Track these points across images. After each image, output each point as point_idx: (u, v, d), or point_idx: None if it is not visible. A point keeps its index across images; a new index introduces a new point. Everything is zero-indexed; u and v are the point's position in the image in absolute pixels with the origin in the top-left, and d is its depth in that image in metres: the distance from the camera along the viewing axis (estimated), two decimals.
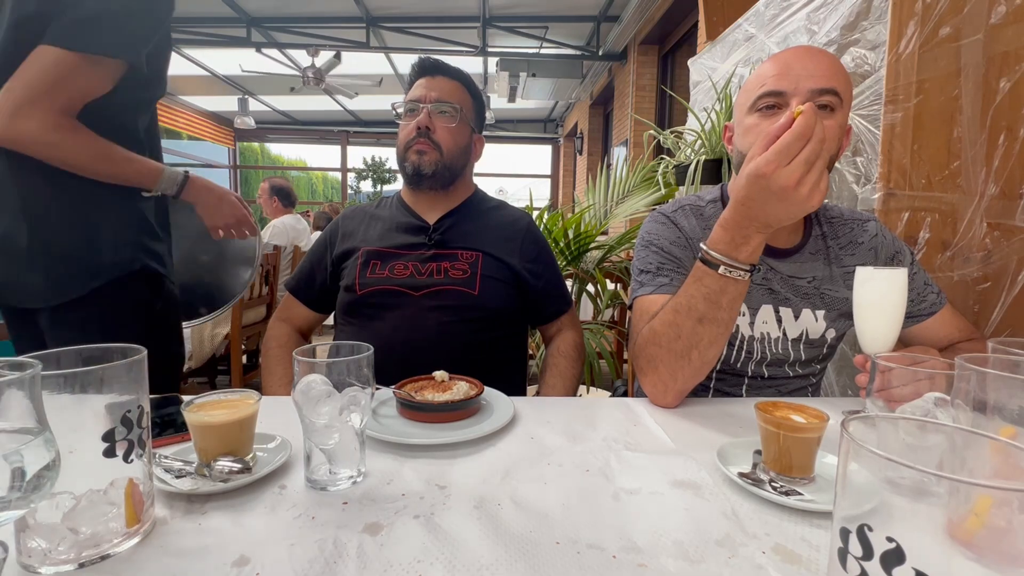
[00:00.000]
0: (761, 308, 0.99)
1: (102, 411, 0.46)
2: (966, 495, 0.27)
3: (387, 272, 1.10)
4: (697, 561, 0.47)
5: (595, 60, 6.33)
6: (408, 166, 1.14)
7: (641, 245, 1.03)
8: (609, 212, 2.81)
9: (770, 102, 0.88)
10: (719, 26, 2.62)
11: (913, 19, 1.24)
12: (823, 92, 0.86)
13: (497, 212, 1.24)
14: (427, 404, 0.76)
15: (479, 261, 1.12)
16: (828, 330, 1.01)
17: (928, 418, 0.52)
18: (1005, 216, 1.12)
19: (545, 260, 1.21)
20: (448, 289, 1.08)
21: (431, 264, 1.11)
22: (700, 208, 1.04)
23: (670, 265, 0.97)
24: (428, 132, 1.13)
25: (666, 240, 1.00)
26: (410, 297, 1.08)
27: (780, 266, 1.00)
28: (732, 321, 0.79)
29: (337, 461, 0.59)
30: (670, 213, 1.04)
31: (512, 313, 1.15)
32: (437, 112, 1.14)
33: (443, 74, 1.18)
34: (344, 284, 1.13)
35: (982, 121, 1.14)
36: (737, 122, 0.96)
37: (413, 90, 1.17)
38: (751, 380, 1.03)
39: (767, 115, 0.89)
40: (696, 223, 1.02)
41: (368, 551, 0.47)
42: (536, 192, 10.83)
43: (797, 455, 0.59)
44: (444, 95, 1.15)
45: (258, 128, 8.98)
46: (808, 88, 0.86)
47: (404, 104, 1.17)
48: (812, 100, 0.85)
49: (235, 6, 5.27)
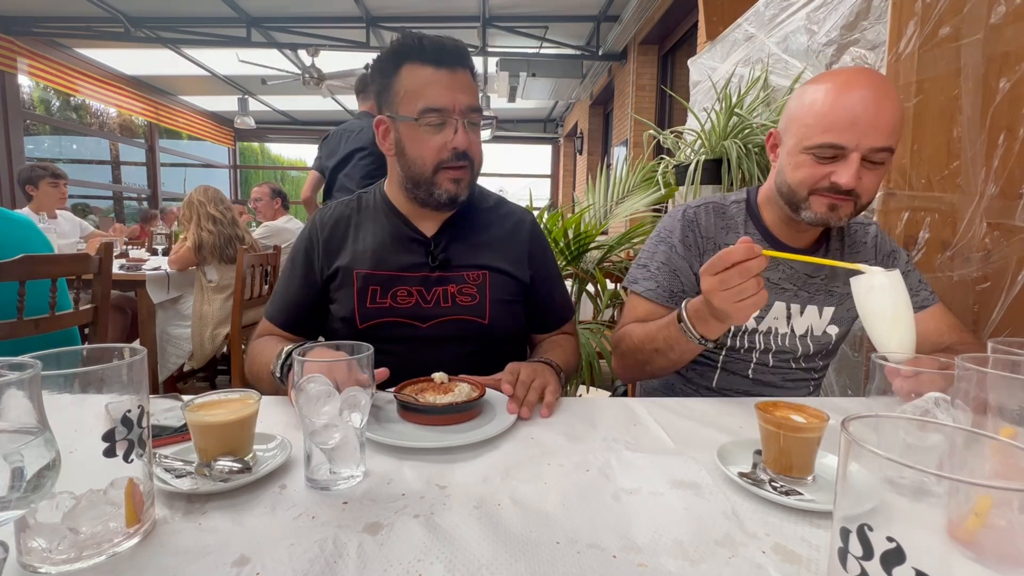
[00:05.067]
0: (774, 304, 1.05)
1: (102, 411, 0.46)
2: (966, 495, 0.27)
3: (389, 301, 0.98)
4: (697, 561, 0.47)
5: (595, 60, 6.33)
6: (440, 193, 0.96)
7: (656, 239, 1.10)
8: (609, 212, 2.81)
9: (829, 153, 0.89)
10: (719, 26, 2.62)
11: (913, 19, 1.24)
12: (881, 150, 0.87)
13: (497, 212, 1.11)
14: (431, 407, 0.75)
15: (486, 282, 1.02)
16: (831, 326, 1.06)
17: (928, 418, 0.52)
18: (1005, 216, 1.12)
19: (549, 266, 1.13)
20: (456, 319, 0.99)
21: (436, 289, 0.99)
22: (724, 208, 1.10)
23: (666, 270, 1.06)
24: (465, 152, 0.94)
25: (678, 242, 1.07)
26: (416, 328, 0.98)
27: (798, 263, 1.05)
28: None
29: (337, 461, 0.58)
30: (694, 209, 1.09)
31: (519, 331, 1.10)
32: (470, 124, 0.94)
33: (465, 66, 0.94)
34: (340, 315, 1.00)
35: (982, 121, 1.14)
36: (789, 149, 0.96)
37: (427, 88, 0.91)
38: (757, 365, 1.09)
39: (821, 163, 0.91)
40: (716, 221, 1.08)
41: (368, 551, 0.47)
42: (536, 192, 10.83)
43: (797, 455, 0.59)
44: (472, 98, 0.94)
45: (258, 128, 8.97)
46: (868, 147, 0.86)
47: (418, 113, 0.92)
48: (868, 156, 0.87)
49: (235, 6, 5.26)
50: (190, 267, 2.79)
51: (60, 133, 10.09)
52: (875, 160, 0.88)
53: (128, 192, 9.28)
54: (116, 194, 9.23)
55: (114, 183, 9.33)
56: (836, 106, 0.88)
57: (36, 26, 5.63)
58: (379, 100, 0.99)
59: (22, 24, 5.59)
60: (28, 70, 5.84)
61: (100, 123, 10.13)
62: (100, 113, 9.97)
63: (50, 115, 9.41)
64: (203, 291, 2.78)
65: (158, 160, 8.79)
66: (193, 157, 10.67)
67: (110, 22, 5.49)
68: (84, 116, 9.96)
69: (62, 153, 9.97)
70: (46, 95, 9.08)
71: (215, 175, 11.19)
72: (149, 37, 5.65)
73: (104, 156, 9.95)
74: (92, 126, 9.91)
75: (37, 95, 8.76)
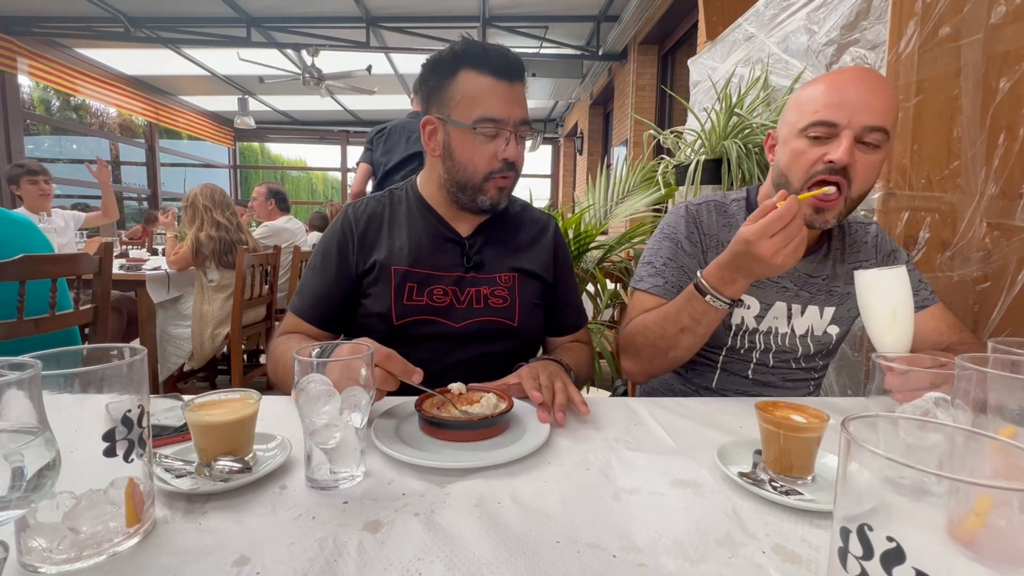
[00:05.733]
0: (775, 304, 1.05)
1: (102, 411, 0.46)
2: (966, 495, 0.27)
3: (425, 299, 0.98)
4: (697, 561, 0.47)
5: (595, 60, 6.33)
6: (484, 200, 0.98)
7: (660, 236, 1.10)
8: (609, 212, 2.81)
9: (821, 132, 0.88)
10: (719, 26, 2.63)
11: (913, 19, 1.24)
12: (874, 130, 0.86)
13: (524, 216, 1.13)
14: (464, 422, 0.69)
15: (516, 284, 1.04)
16: (831, 325, 1.06)
17: (928, 418, 0.52)
18: (1005, 216, 1.12)
19: (569, 272, 1.14)
20: (488, 320, 1.01)
21: (470, 290, 1.01)
22: (724, 206, 1.10)
23: (673, 266, 1.05)
24: (514, 164, 0.97)
25: (684, 238, 1.06)
26: (449, 327, 0.99)
27: (799, 265, 1.04)
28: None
29: (337, 461, 0.58)
30: (696, 206, 1.10)
31: (540, 333, 1.11)
32: (520, 137, 0.97)
33: (519, 78, 0.96)
34: (376, 310, 0.98)
35: (982, 121, 1.14)
36: (783, 139, 0.96)
37: (486, 97, 0.92)
38: (757, 365, 1.08)
39: (816, 144, 0.89)
40: (717, 219, 1.08)
41: (368, 549, 0.47)
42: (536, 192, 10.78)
43: (797, 455, 0.59)
44: (525, 112, 0.96)
45: (258, 128, 8.97)
46: (861, 124, 0.86)
47: (474, 120, 0.93)
48: (861, 136, 0.86)
49: (235, 6, 5.26)
50: (190, 268, 2.79)
51: (60, 133, 10.10)
52: (869, 141, 0.87)
53: (128, 192, 9.28)
54: (116, 194, 9.22)
55: (114, 183, 9.31)
56: (828, 89, 0.89)
57: (36, 26, 5.63)
58: (428, 99, 0.98)
59: (22, 24, 5.59)
60: (28, 70, 5.85)
61: (100, 123, 10.14)
62: (100, 113, 9.98)
63: (50, 115, 9.41)
64: (203, 291, 2.78)
65: (158, 160, 8.79)
66: (193, 157, 10.67)
67: (110, 22, 5.49)
68: (84, 116, 9.96)
69: (62, 153, 9.98)
70: (46, 95, 9.08)
71: (215, 175, 11.19)
72: (149, 37, 5.66)
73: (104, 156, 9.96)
74: (92, 126, 9.92)
75: (37, 95, 8.77)
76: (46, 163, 3.65)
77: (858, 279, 0.82)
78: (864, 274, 0.81)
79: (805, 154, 0.90)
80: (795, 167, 0.92)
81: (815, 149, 0.89)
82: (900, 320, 0.77)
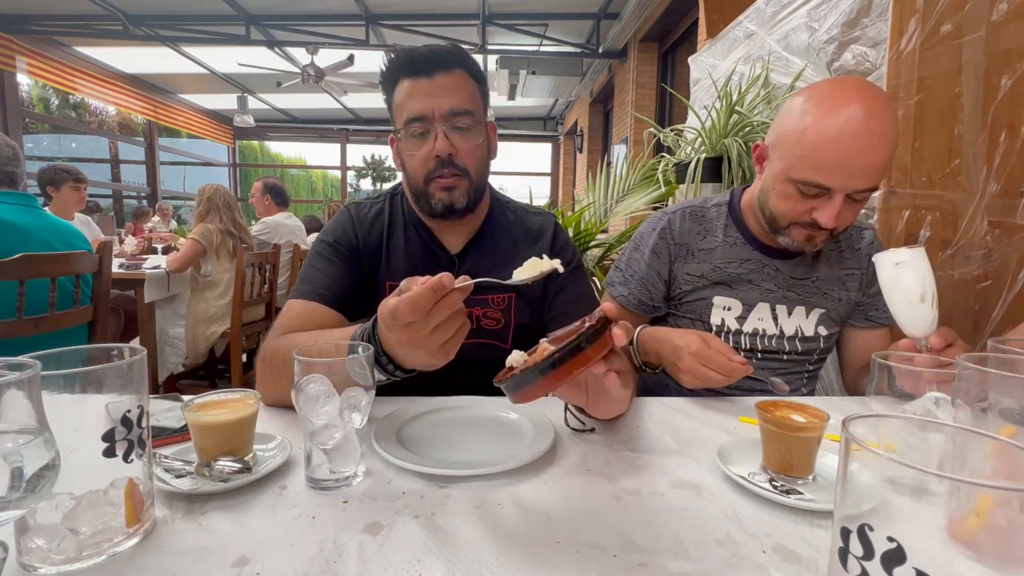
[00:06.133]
0: (757, 305, 1.05)
1: (102, 411, 0.46)
2: (967, 495, 0.27)
3: None
4: (697, 561, 0.47)
5: (595, 58, 6.32)
6: (436, 204, 0.92)
7: (632, 245, 1.13)
8: (609, 210, 2.81)
9: (814, 192, 0.89)
10: (719, 23, 2.62)
11: (914, 16, 1.24)
12: (866, 191, 0.87)
13: (519, 224, 1.06)
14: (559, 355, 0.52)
15: (511, 306, 0.99)
16: (819, 327, 1.07)
17: (928, 418, 0.52)
18: (1006, 214, 1.11)
19: (573, 269, 1.03)
20: (479, 343, 0.96)
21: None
22: (702, 211, 1.10)
23: (636, 280, 1.10)
24: (451, 159, 0.90)
25: (648, 251, 1.08)
26: None
27: (784, 267, 1.05)
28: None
29: (337, 461, 0.58)
30: (671, 214, 1.11)
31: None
32: (452, 129, 0.90)
33: (442, 68, 0.89)
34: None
35: (983, 119, 1.14)
36: (775, 172, 0.94)
37: (408, 100, 0.90)
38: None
39: (804, 199, 0.90)
40: (692, 226, 1.09)
41: (368, 551, 0.47)
42: (536, 190, 10.81)
43: (797, 455, 0.59)
44: (455, 101, 0.89)
45: (257, 126, 8.95)
46: (854, 188, 0.86)
47: (403, 124, 0.90)
48: (853, 195, 0.88)
49: (234, 4, 5.25)
50: (189, 268, 2.79)
51: (59, 131, 10.11)
52: (858, 198, 0.89)
53: (128, 191, 9.28)
54: (116, 193, 9.23)
55: (113, 182, 9.33)
56: (828, 144, 0.84)
57: (35, 24, 5.62)
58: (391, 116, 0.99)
59: (21, 22, 5.57)
60: (27, 68, 5.83)
61: (99, 121, 10.14)
62: (99, 111, 9.97)
63: (49, 113, 9.41)
64: (196, 289, 2.79)
65: (157, 158, 8.78)
66: (193, 155, 10.66)
67: (109, 20, 5.47)
68: (83, 114, 9.96)
69: (61, 151, 9.98)
70: (45, 93, 9.08)
71: (215, 173, 11.18)
72: (148, 35, 5.64)
73: (103, 154, 9.96)
74: (91, 124, 9.92)
75: (36, 93, 8.77)
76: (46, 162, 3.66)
77: (877, 261, 0.81)
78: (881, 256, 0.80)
79: (794, 205, 0.92)
80: (782, 211, 0.95)
81: (805, 202, 0.91)
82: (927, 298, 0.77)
